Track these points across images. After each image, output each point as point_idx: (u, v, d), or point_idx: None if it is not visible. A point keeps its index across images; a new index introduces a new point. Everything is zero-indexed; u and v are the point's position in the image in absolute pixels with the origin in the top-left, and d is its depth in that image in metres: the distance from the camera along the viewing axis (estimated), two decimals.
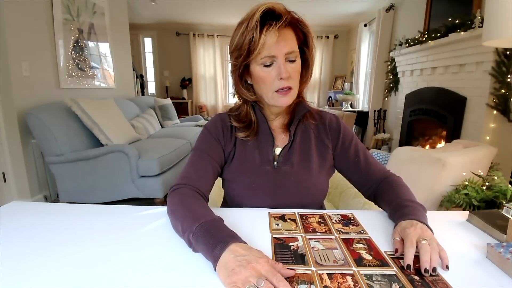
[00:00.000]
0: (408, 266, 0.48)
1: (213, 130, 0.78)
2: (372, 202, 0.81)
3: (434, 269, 0.47)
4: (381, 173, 0.78)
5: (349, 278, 0.46)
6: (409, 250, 0.50)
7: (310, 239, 0.58)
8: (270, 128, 0.78)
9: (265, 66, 0.68)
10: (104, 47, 3.28)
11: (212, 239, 0.50)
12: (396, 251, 0.53)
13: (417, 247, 0.51)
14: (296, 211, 0.71)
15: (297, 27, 0.70)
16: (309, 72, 0.76)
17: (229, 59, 0.75)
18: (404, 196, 0.67)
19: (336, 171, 0.85)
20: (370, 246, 0.56)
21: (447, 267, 0.49)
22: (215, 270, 0.47)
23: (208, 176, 0.73)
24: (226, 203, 0.85)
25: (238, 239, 0.51)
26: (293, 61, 0.69)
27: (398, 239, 0.55)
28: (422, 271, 0.47)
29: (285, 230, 0.62)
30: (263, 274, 0.43)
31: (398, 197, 0.68)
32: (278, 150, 0.77)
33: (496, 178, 1.56)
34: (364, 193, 0.81)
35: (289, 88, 0.70)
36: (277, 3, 0.66)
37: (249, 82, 0.75)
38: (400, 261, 0.51)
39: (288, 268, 0.47)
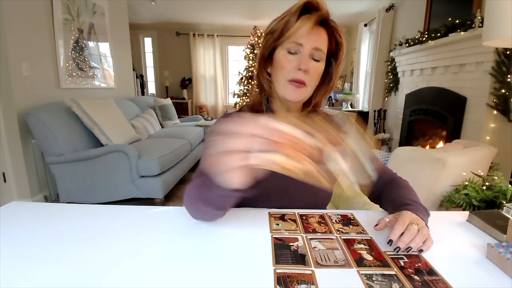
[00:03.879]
0: (390, 241, 0.52)
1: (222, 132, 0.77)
2: (373, 203, 0.81)
3: (409, 249, 0.51)
4: (387, 176, 0.78)
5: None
6: (398, 228, 0.53)
7: (311, 239, 0.58)
8: None
9: (289, 52, 0.68)
10: (104, 47, 3.28)
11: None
12: (376, 224, 0.57)
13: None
14: (296, 211, 0.71)
15: (333, 34, 0.70)
16: (330, 86, 0.75)
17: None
18: (408, 196, 0.67)
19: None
20: (372, 247, 0.56)
21: (421, 251, 0.52)
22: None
23: None
24: None
25: None
26: (316, 61, 0.69)
27: (386, 219, 0.57)
28: (394, 246, 0.51)
29: (285, 230, 0.62)
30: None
31: (402, 196, 0.67)
32: None
33: (496, 178, 1.56)
34: (370, 197, 0.81)
35: (304, 84, 0.69)
36: (322, 0, 0.67)
37: (268, 70, 0.75)
38: (400, 260, 0.51)
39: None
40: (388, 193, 0.73)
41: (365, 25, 4.70)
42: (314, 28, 0.66)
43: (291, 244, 0.56)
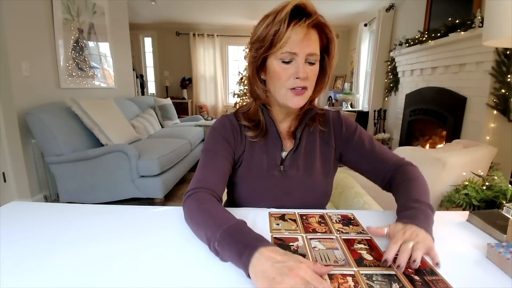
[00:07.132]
0: (385, 261, 0.49)
1: (222, 131, 0.76)
2: (372, 203, 0.81)
3: (414, 263, 0.48)
4: (394, 160, 0.76)
5: (349, 279, 0.46)
6: (392, 247, 0.50)
7: (311, 239, 0.58)
8: (279, 132, 0.77)
9: (283, 62, 0.66)
10: (104, 47, 3.28)
11: (238, 244, 0.48)
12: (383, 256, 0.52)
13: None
14: (296, 211, 0.71)
15: (323, 31, 0.68)
16: (325, 81, 0.74)
17: (242, 52, 0.74)
18: (413, 194, 0.64)
19: (337, 171, 0.84)
20: (371, 247, 0.56)
21: (437, 264, 0.49)
22: (248, 277, 0.45)
23: (221, 177, 0.71)
24: (229, 203, 0.85)
25: (265, 242, 0.48)
26: (312, 64, 0.68)
27: (384, 231, 0.57)
28: (388, 264, 0.49)
29: (285, 230, 0.62)
30: (309, 281, 0.40)
31: (407, 194, 0.65)
32: (284, 154, 0.77)
33: (496, 178, 1.56)
34: (380, 184, 0.79)
35: (304, 88, 0.68)
36: (308, 1, 0.64)
37: (262, 77, 0.73)
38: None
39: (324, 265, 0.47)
40: (397, 186, 0.71)
41: (365, 25, 4.69)
42: (306, 32, 0.64)
43: (291, 244, 0.56)
